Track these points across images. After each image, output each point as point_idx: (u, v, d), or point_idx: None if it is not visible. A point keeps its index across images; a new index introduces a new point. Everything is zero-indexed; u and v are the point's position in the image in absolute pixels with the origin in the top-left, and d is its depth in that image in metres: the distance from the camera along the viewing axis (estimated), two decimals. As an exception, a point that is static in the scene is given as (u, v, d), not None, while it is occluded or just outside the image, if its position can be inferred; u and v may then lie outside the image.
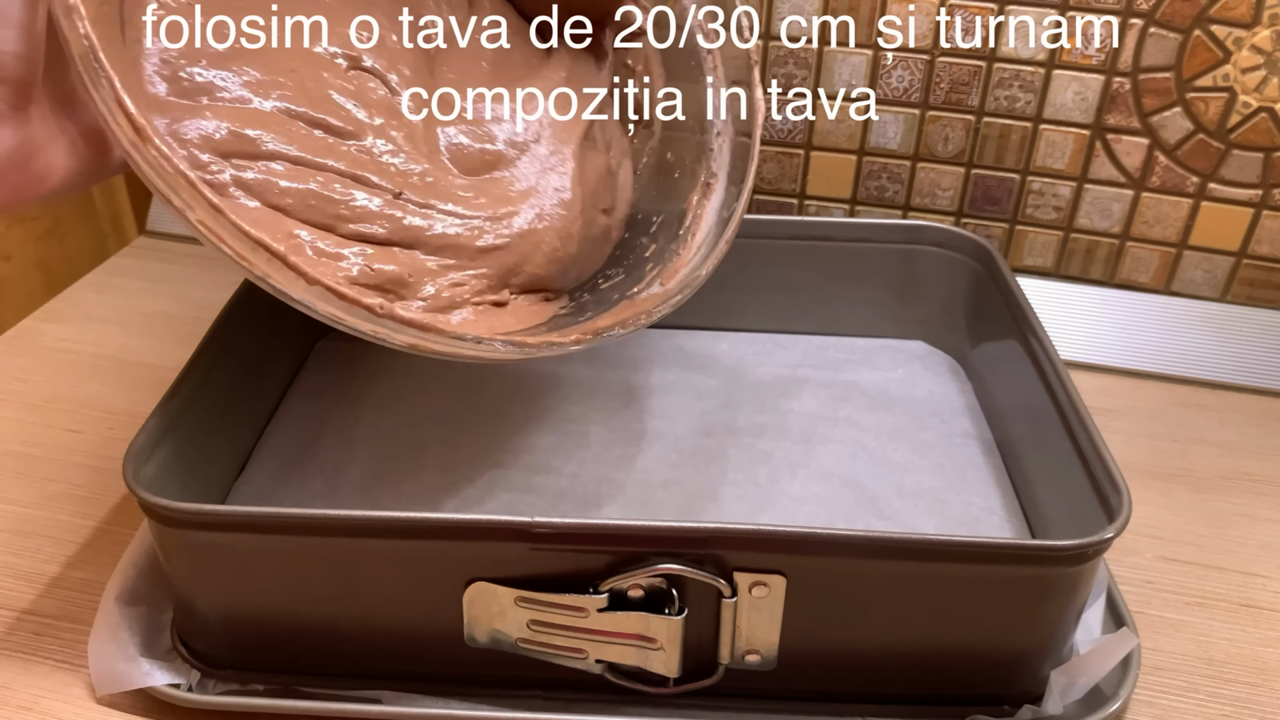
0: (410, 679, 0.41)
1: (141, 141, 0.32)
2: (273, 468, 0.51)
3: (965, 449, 0.53)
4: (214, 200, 0.33)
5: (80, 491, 0.51)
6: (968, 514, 0.49)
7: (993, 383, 0.56)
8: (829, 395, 0.56)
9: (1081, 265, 0.65)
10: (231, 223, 0.33)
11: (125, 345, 0.62)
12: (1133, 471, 0.52)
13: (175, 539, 0.39)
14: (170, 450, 0.43)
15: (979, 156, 0.63)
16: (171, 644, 0.42)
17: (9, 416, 0.56)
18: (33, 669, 0.42)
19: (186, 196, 0.33)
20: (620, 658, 0.39)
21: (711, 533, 0.38)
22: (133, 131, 0.32)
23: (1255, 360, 0.62)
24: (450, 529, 0.38)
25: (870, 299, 0.61)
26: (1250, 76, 0.57)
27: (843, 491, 0.50)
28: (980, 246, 0.58)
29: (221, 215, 0.33)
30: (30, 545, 0.48)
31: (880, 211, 0.66)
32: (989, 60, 0.60)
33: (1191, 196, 0.61)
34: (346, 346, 0.60)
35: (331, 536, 0.38)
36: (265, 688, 0.41)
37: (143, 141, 0.32)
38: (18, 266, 0.67)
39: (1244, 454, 0.56)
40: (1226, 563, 0.49)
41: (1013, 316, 0.53)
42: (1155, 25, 0.57)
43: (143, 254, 0.73)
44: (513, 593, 0.38)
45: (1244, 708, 0.42)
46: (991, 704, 0.40)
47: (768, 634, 0.39)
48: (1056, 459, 0.46)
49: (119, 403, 0.57)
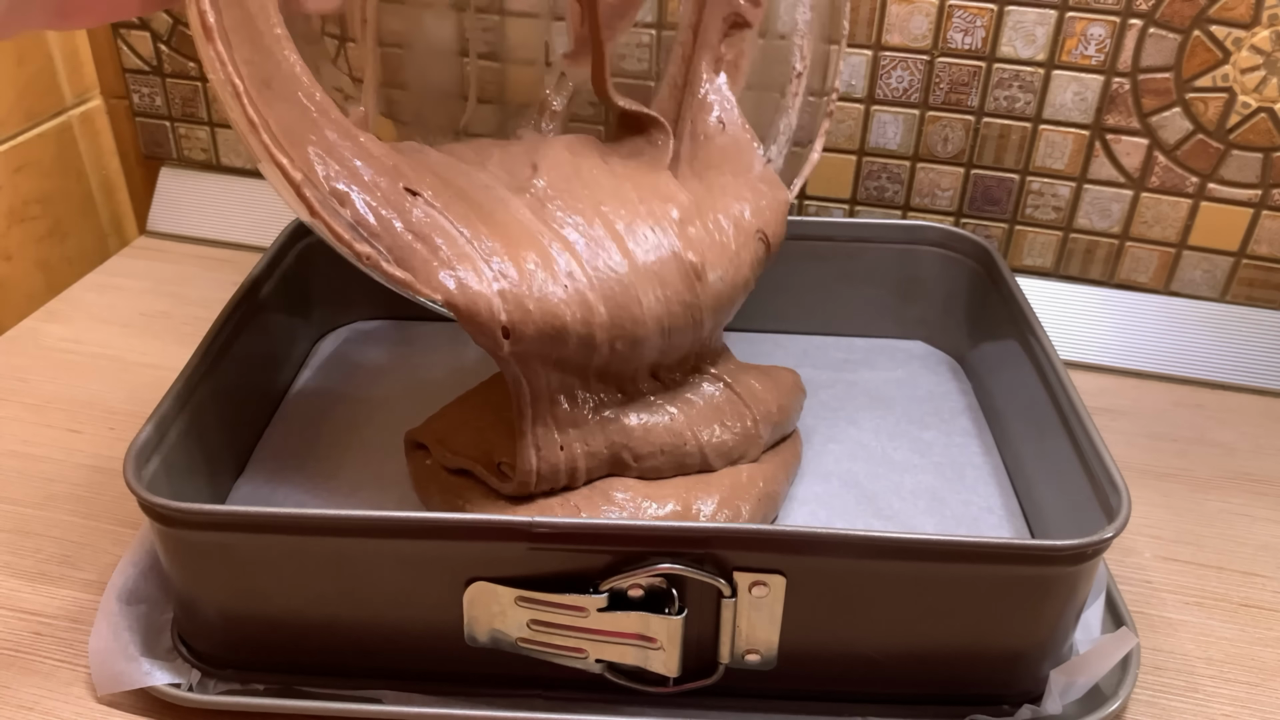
0: (410, 679, 0.41)
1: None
2: (273, 468, 0.51)
3: (965, 449, 0.53)
4: (251, 113, 0.37)
5: (80, 491, 0.51)
6: (967, 514, 0.49)
7: (992, 383, 0.56)
8: (828, 395, 0.56)
9: (1081, 265, 0.65)
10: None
11: (125, 345, 0.62)
12: (1132, 471, 0.52)
13: (175, 539, 0.39)
14: (170, 450, 0.43)
15: (979, 157, 0.63)
16: (172, 644, 0.42)
17: (9, 416, 0.56)
18: (33, 669, 0.42)
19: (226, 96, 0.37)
20: (620, 657, 0.39)
21: (711, 533, 0.38)
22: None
23: (1255, 360, 0.62)
24: (450, 529, 0.38)
25: (870, 299, 0.61)
26: (1250, 77, 0.57)
27: (843, 491, 0.50)
28: (980, 246, 0.58)
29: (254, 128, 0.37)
30: (30, 545, 0.48)
31: (880, 212, 0.66)
32: (989, 60, 0.60)
33: (1191, 197, 0.61)
34: (347, 346, 0.61)
35: (331, 536, 0.38)
36: (265, 688, 0.41)
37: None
38: (18, 266, 0.67)
39: (1244, 454, 0.56)
40: (1226, 563, 0.49)
41: (1012, 316, 0.53)
42: (1155, 25, 0.57)
43: (143, 254, 0.73)
44: (513, 592, 0.38)
45: (1244, 708, 0.42)
46: (991, 704, 0.40)
47: (768, 634, 0.39)
48: (1056, 459, 0.46)
49: (119, 403, 0.57)
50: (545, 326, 0.41)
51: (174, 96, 0.72)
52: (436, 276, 0.40)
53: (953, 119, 0.62)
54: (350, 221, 0.40)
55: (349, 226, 0.40)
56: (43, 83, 0.68)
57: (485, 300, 0.40)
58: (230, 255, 0.71)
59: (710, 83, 0.49)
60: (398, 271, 0.40)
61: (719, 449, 0.46)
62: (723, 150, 0.48)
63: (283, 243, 0.56)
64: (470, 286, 0.40)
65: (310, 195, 0.39)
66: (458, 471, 0.47)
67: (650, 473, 0.46)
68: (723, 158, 0.48)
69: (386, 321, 0.62)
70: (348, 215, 0.40)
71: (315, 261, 0.58)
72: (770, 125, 0.50)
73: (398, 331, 0.61)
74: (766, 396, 0.49)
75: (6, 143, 0.66)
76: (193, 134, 0.74)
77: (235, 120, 0.38)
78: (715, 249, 0.45)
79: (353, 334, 0.61)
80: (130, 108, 0.73)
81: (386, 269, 0.40)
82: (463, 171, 0.45)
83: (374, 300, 0.61)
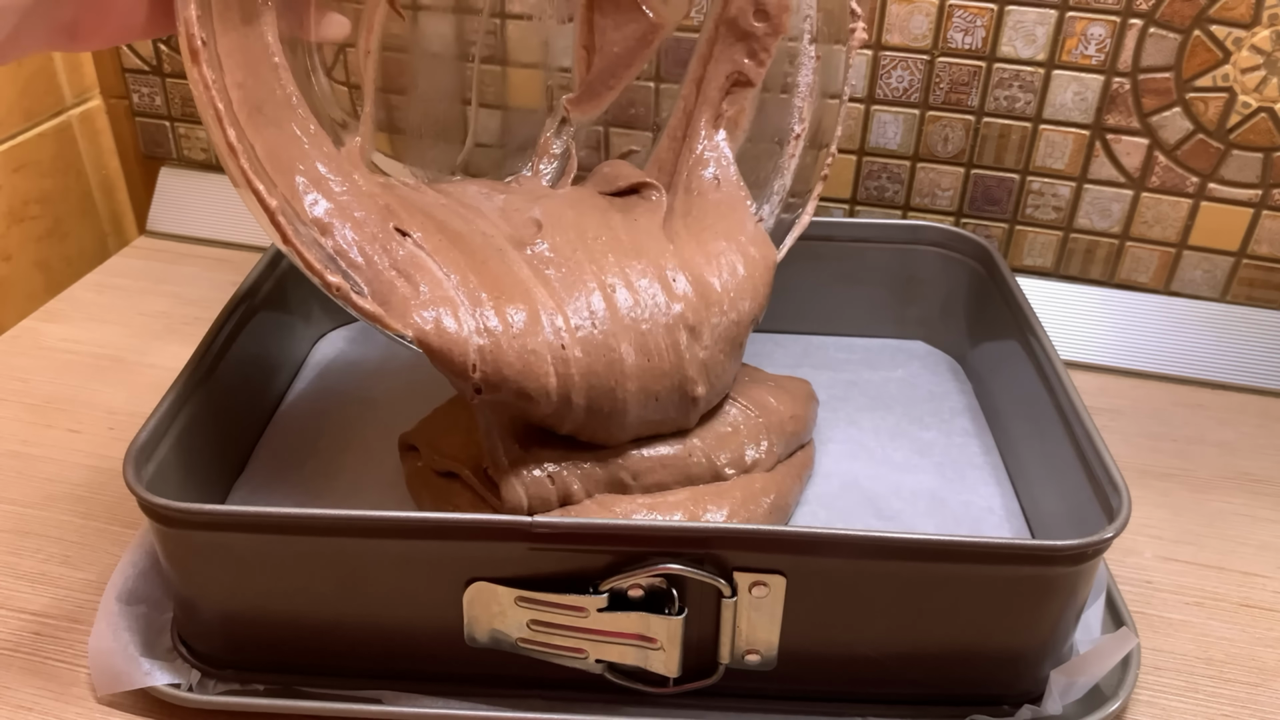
0: (410, 679, 0.41)
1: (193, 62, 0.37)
2: (273, 468, 0.51)
3: (965, 449, 0.53)
4: (231, 137, 0.37)
5: (80, 491, 0.51)
6: (968, 514, 0.49)
7: (993, 383, 0.56)
8: (829, 395, 0.56)
9: (1081, 265, 0.65)
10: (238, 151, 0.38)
11: (125, 345, 0.62)
12: (1132, 471, 0.52)
13: (175, 539, 0.39)
14: (170, 450, 0.43)
15: (979, 156, 0.63)
16: (172, 644, 0.42)
17: (9, 416, 0.56)
18: (33, 669, 0.42)
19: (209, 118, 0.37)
20: (620, 657, 0.39)
21: (711, 533, 0.38)
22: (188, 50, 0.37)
23: (1255, 360, 0.62)
24: (450, 529, 0.38)
25: (870, 299, 0.61)
26: (1250, 77, 0.57)
27: (843, 491, 0.50)
28: (980, 246, 0.58)
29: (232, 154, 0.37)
30: (30, 545, 0.48)
31: (880, 211, 0.66)
32: (989, 60, 0.60)
33: (1191, 196, 0.61)
34: (347, 347, 0.60)
35: (331, 536, 0.38)
36: (265, 688, 0.41)
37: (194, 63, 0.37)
38: (18, 266, 0.67)
39: (1244, 454, 0.56)
40: (1226, 563, 0.49)
41: (1012, 316, 0.53)
42: (1155, 25, 0.57)
43: (143, 254, 0.73)
44: (513, 592, 0.38)
45: (1244, 708, 0.42)
46: (991, 704, 0.40)
47: (768, 634, 0.39)
48: (1056, 459, 0.46)
49: (119, 403, 0.57)
50: (521, 383, 0.41)
51: (174, 96, 0.72)
52: (412, 315, 0.40)
53: (953, 119, 0.62)
54: (330, 253, 0.40)
55: (326, 258, 0.40)
56: (42, 82, 0.68)
57: (461, 345, 0.40)
58: (230, 255, 0.71)
59: (709, 139, 0.49)
60: (367, 305, 0.40)
61: (732, 461, 0.46)
62: (716, 207, 0.48)
63: (283, 243, 0.56)
64: (447, 329, 0.40)
65: (284, 222, 0.39)
66: (448, 474, 0.47)
67: (654, 488, 0.45)
68: (716, 215, 0.47)
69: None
70: (329, 246, 0.40)
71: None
72: (765, 185, 0.50)
73: (398, 331, 0.61)
74: (780, 409, 0.49)
75: (6, 142, 0.66)
76: (193, 134, 0.74)
77: (215, 143, 0.38)
78: (707, 310, 0.45)
79: (353, 334, 0.61)
80: (130, 107, 0.73)
81: (356, 301, 0.40)
82: (460, 215, 0.45)
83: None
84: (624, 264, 0.44)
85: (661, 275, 0.44)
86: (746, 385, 0.50)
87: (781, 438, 0.48)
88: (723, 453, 0.46)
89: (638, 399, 0.43)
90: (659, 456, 0.45)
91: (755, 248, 0.47)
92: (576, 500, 0.44)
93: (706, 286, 0.45)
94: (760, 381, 0.51)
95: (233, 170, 0.38)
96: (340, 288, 0.39)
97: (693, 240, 0.46)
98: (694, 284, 0.45)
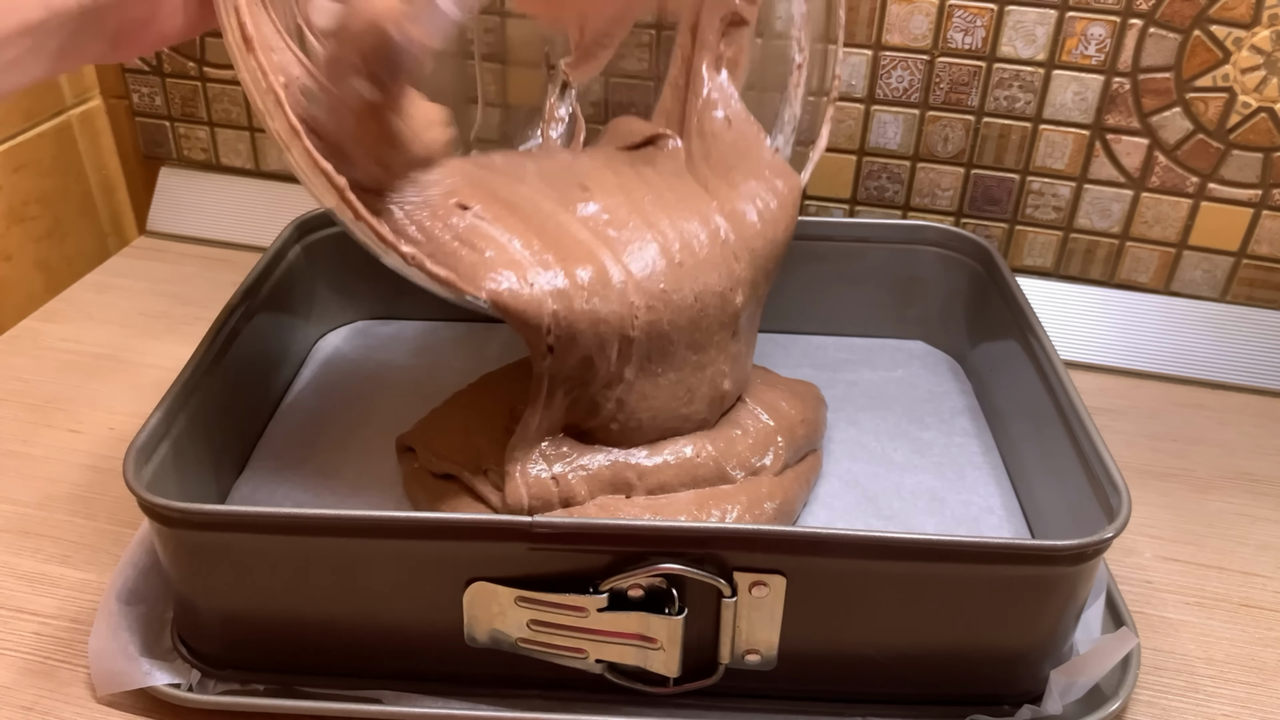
0: (410, 679, 0.41)
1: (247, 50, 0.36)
2: (273, 468, 0.51)
3: (965, 449, 0.53)
4: (294, 120, 0.37)
5: (80, 491, 0.51)
6: (967, 514, 0.49)
7: (993, 383, 0.56)
8: (829, 395, 0.56)
9: (1081, 265, 0.65)
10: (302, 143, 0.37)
11: (125, 345, 0.62)
12: (1132, 471, 0.52)
13: (175, 539, 0.39)
14: (170, 450, 0.43)
15: (979, 156, 0.63)
16: (171, 644, 0.42)
17: (9, 416, 0.56)
18: (33, 669, 0.42)
19: (269, 104, 0.37)
20: (620, 657, 0.39)
21: (711, 533, 0.38)
22: (241, 39, 0.36)
23: (1255, 360, 0.62)
24: (450, 529, 0.38)
25: (870, 299, 0.61)
26: (1250, 77, 0.57)
27: (842, 491, 0.50)
28: (980, 246, 0.58)
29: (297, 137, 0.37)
30: (30, 545, 0.48)
31: (880, 211, 0.66)
32: (989, 60, 0.60)
33: (1191, 196, 0.61)
34: (346, 347, 0.61)
35: (331, 536, 0.38)
36: (265, 688, 0.41)
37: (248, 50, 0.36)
38: (18, 266, 0.67)
39: (1244, 454, 0.56)
40: (1226, 563, 0.49)
41: (1012, 316, 0.53)
42: (1155, 25, 0.57)
43: (143, 254, 0.73)
44: (513, 592, 0.38)
45: (1244, 708, 0.42)
46: (991, 704, 0.40)
47: (768, 634, 0.39)
48: (1056, 459, 0.46)
49: (119, 403, 0.57)
50: (591, 340, 0.42)
51: (174, 96, 0.72)
52: (484, 278, 0.40)
53: (953, 119, 0.62)
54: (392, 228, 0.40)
55: (392, 231, 0.40)
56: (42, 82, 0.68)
57: (536, 305, 0.41)
58: (230, 255, 0.71)
59: (712, 80, 0.49)
60: (441, 270, 0.40)
61: (740, 464, 0.46)
62: (733, 145, 0.48)
63: (282, 243, 0.56)
64: (520, 291, 0.41)
65: (354, 200, 0.38)
66: (445, 476, 0.46)
67: (658, 490, 0.45)
68: (736, 155, 0.48)
69: (387, 322, 0.62)
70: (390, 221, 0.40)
71: (315, 262, 0.58)
72: (775, 117, 0.50)
73: (398, 332, 0.61)
74: (791, 413, 0.49)
75: (6, 142, 0.66)
76: (192, 134, 0.74)
77: (277, 129, 0.38)
78: (748, 228, 0.46)
79: (352, 334, 0.61)
80: (130, 107, 0.73)
81: (430, 267, 0.39)
82: (505, 185, 0.46)
83: (374, 301, 0.61)
84: (674, 218, 0.45)
85: (710, 224, 0.45)
86: (759, 388, 0.50)
87: (791, 442, 0.48)
88: (731, 456, 0.46)
89: (685, 356, 0.45)
90: (667, 457, 0.45)
91: (781, 180, 0.48)
92: (579, 502, 0.44)
93: (749, 227, 0.46)
94: (773, 385, 0.51)
95: (297, 154, 0.38)
96: (415, 256, 0.39)
97: (724, 184, 0.47)
98: (736, 229, 0.46)
